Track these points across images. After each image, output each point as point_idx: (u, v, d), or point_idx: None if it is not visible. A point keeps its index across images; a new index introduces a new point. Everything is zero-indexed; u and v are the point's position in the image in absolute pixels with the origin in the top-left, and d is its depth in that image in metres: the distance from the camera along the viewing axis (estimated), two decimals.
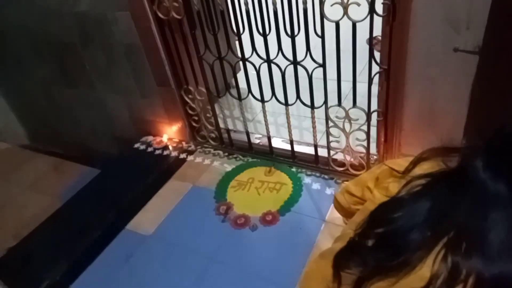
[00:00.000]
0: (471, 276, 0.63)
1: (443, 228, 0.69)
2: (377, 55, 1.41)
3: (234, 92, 1.87)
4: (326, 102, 1.62)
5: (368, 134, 1.60)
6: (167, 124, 2.20)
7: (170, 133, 2.24)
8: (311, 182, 1.81)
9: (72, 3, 1.88)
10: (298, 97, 1.68)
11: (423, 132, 1.48)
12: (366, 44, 1.38)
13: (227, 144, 2.08)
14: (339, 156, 1.76)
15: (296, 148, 1.90)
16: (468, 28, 1.18)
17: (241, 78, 1.83)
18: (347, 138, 1.65)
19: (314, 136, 1.76)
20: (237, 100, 1.88)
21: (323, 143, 1.77)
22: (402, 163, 0.91)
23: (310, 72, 1.54)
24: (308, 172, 1.86)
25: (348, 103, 1.58)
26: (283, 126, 2.03)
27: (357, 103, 1.55)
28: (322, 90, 1.58)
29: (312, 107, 1.68)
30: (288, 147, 1.90)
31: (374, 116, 1.55)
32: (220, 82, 1.90)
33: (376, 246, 0.75)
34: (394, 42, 1.32)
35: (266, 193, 1.79)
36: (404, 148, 1.58)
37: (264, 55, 1.62)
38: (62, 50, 2.15)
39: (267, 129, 1.89)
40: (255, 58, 1.65)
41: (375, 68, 1.42)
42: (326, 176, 1.82)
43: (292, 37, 1.50)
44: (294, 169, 1.90)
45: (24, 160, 2.76)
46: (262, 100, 1.80)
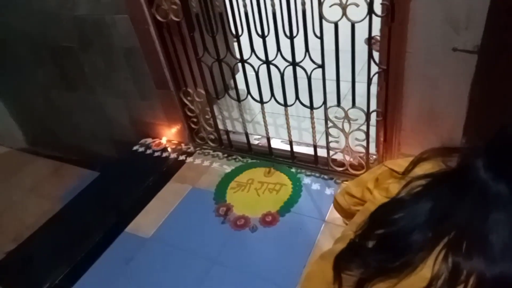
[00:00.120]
0: (472, 277, 0.63)
1: (444, 228, 0.68)
2: (376, 55, 1.41)
3: (233, 93, 1.87)
4: (325, 102, 1.62)
5: (367, 134, 1.60)
6: (166, 126, 2.20)
7: (169, 135, 2.24)
8: (311, 183, 1.81)
9: (71, 6, 1.87)
10: (297, 98, 1.68)
11: (422, 132, 1.48)
12: (365, 44, 1.39)
13: (226, 145, 2.08)
14: (339, 156, 1.76)
15: (296, 148, 1.90)
16: (467, 28, 1.18)
17: (240, 79, 1.83)
18: (347, 138, 1.65)
19: (314, 136, 1.76)
20: (236, 102, 1.88)
21: (323, 143, 1.77)
22: (402, 163, 0.91)
23: (309, 73, 1.54)
24: (308, 173, 1.86)
25: (347, 103, 1.58)
26: (282, 127, 2.03)
27: (356, 103, 1.55)
28: (321, 90, 1.58)
29: (311, 107, 1.68)
30: (287, 147, 1.90)
31: (374, 116, 1.55)
32: (219, 84, 1.90)
33: (377, 247, 0.75)
34: (393, 43, 1.32)
35: (265, 194, 1.79)
36: (404, 148, 1.58)
37: (263, 56, 1.62)
38: (61, 53, 2.15)
39: (266, 130, 1.89)
40: (254, 60, 1.65)
41: (374, 68, 1.42)
42: (325, 176, 1.82)
43: (291, 38, 1.50)
44: (293, 169, 1.89)
45: (24, 164, 2.76)
46: (261, 101, 1.80)
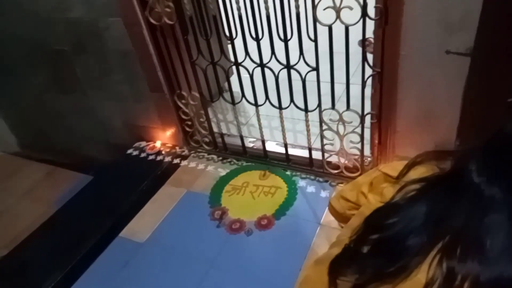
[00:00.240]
0: (466, 281, 0.62)
1: (438, 233, 0.68)
2: (370, 57, 1.41)
3: (228, 96, 1.87)
4: (319, 105, 1.62)
5: (362, 136, 1.60)
6: (161, 130, 2.19)
7: (163, 138, 2.23)
8: (306, 185, 1.81)
9: (64, 10, 1.86)
10: (292, 100, 1.68)
11: (417, 134, 1.48)
12: (359, 46, 1.39)
13: (221, 148, 2.07)
14: (334, 158, 1.76)
15: (291, 151, 1.89)
16: (460, 30, 1.18)
17: (234, 82, 1.82)
18: (341, 140, 1.66)
19: (308, 139, 1.76)
20: (230, 104, 1.88)
21: (317, 146, 1.77)
22: (397, 166, 0.91)
23: (304, 75, 1.55)
24: (303, 175, 1.86)
25: (341, 105, 1.58)
26: (277, 130, 2.03)
27: (350, 106, 1.55)
28: (316, 93, 1.58)
29: (306, 110, 1.68)
30: (282, 150, 1.90)
31: (368, 119, 1.56)
32: (213, 87, 1.89)
33: (372, 252, 0.75)
34: (386, 45, 1.32)
35: (261, 197, 1.79)
36: (398, 150, 1.58)
37: (257, 59, 1.62)
38: (54, 57, 2.13)
39: (261, 132, 1.89)
40: (248, 63, 1.65)
41: (368, 71, 1.43)
42: (320, 179, 1.82)
43: (285, 41, 1.50)
44: (288, 172, 1.89)
45: (17, 168, 2.72)
46: (256, 104, 1.80)
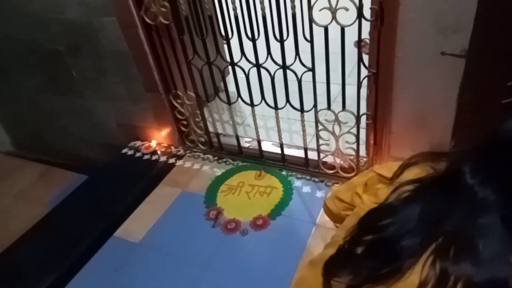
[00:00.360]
0: (459, 282, 0.62)
1: (432, 234, 0.68)
2: (365, 58, 1.42)
3: (223, 96, 1.86)
4: (315, 105, 1.62)
5: (357, 137, 1.61)
6: (156, 129, 2.18)
7: (159, 138, 2.22)
8: (302, 185, 1.81)
9: (58, 10, 1.85)
10: (288, 100, 1.68)
11: (412, 135, 1.49)
12: (355, 47, 1.39)
13: (216, 148, 2.07)
14: (329, 159, 1.76)
15: (286, 151, 1.90)
16: (454, 32, 1.19)
17: (230, 82, 1.82)
18: (337, 141, 1.66)
19: (304, 139, 1.77)
20: (226, 104, 1.88)
21: (313, 146, 1.77)
22: (392, 167, 0.91)
23: (300, 76, 1.55)
24: (299, 175, 1.86)
25: (337, 106, 1.58)
26: (273, 130, 2.03)
27: (346, 106, 1.55)
28: (312, 93, 1.58)
29: (301, 110, 1.68)
30: (278, 150, 1.90)
31: (364, 119, 1.56)
32: (209, 87, 1.89)
33: (366, 254, 0.75)
34: (382, 46, 1.33)
35: (256, 197, 1.79)
36: (394, 151, 1.59)
37: (253, 59, 1.62)
38: (49, 57, 2.12)
39: (257, 132, 1.89)
40: (244, 63, 1.65)
41: (364, 72, 1.43)
42: (316, 179, 1.82)
43: (281, 41, 1.50)
44: (284, 172, 1.89)
45: (11, 168, 2.70)
46: (252, 104, 1.80)
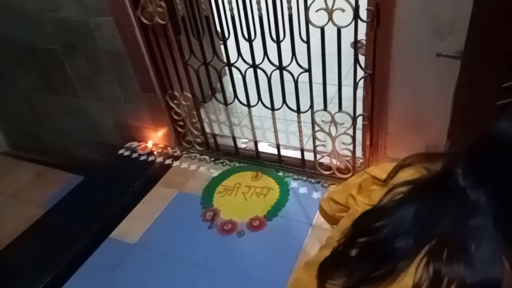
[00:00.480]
0: (452, 284, 0.63)
1: (425, 236, 0.68)
2: (361, 59, 1.42)
3: (220, 97, 1.86)
4: (312, 106, 1.62)
5: (354, 138, 1.61)
6: (152, 130, 2.17)
7: (155, 138, 2.21)
8: (298, 186, 1.81)
9: (53, 9, 1.84)
10: (284, 101, 1.68)
11: (408, 136, 1.49)
12: (351, 48, 1.39)
13: (213, 149, 2.06)
14: (326, 160, 1.76)
15: (283, 152, 1.89)
16: (450, 33, 1.19)
17: (227, 82, 1.82)
18: (333, 142, 1.66)
19: (301, 140, 1.77)
20: (223, 105, 1.87)
21: (310, 147, 1.77)
22: (388, 168, 0.91)
23: (296, 77, 1.55)
24: (295, 176, 1.86)
25: (333, 107, 1.58)
26: (270, 131, 2.03)
27: (342, 107, 1.56)
28: (308, 94, 1.58)
29: (298, 111, 1.68)
30: (274, 151, 1.90)
31: (360, 120, 1.56)
32: (206, 87, 1.89)
33: (360, 256, 0.75)
34: (378, 47, 1.33)
35: (253, 198, 1.78)
36: (390, 152, 1.59)
37: (250, 60, 1.62)
38: (43, 56, 2.11)
39: (254, 133, 1.89)
40: (240, 63, 1.65)
41: (360, 73, 1.43)
42: (312, 180, 1.82)
43: (278, 42, 1.50)
44: (281, 173, 1.89)
45: (6, 168, 2.69)
46: (248, 105, 1.79)
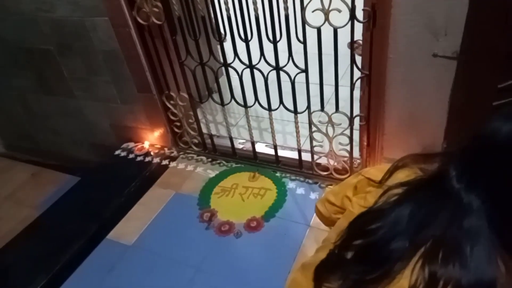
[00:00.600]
0: (449, 285, 0.62)
1: (420, 238, 0.68)
2: (358, 60, 1.42)
3: (217, 97, 1.86)
4: (309, 107, 1.62)
5: (351, 138, 1.61)
6: (149, 130, 2.17)
7: (151, 139, 2.21)
8: (295, 187, 1.80)
9: (48, 9, 1.83)
10: (281, 102, 1.68)
11: (405, 136, 1.49)
12: (348, 48, 1.39)
13: (210, 149, 2.06)
14: (323, 160, 1.76)
15: (280, 153, 1.89)
16: (446, 34, 1.19)
17: (223, 83, 1.81)
18: (331, 142, 1.66)
19: (298, 140, 1.76)
20: (220, 105, 1.87)
21: (307, 147, 1.77)
22: (384, 168, 0.90)
23: (293, 77, 1.54)
24: (292, 177, 1.86)
25: (331, 107, 1.58)
26: (267, 131, 2.03)
27: (339, 108, 1.55)
28: (305, 94, 1.58)
29: (295, 112, 1.68)
30: (272, 152, 1.89)
31: (357, 121, 1.56)
32: (202, 88, 1.88)
33: (355, 258, 0.74)
34: (374, 48, 1.33)
35: (250, 199, 1.78)
36: (387, 152, 1.59)
37: (247, 60, 1.62)
38: (38, 57, 2.10)
39: (251, 134, 1.88)
40: (237, 64, 1.65)
41: (357, 73, 1.43)
42: (310, 181, 1.82)
43: (274, 42, 1.50)
44: (278, 174, 1.89)
45: (1, 169, 2.68)
46: (245, 105, 1.79)
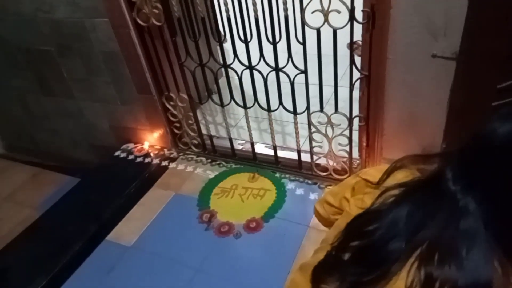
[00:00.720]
0: (445, 287, 0.62)
1: (417, 239, 0.68)
2: (357, 60, 1.42)
3: (216, 98, 1.86)
4: (308, 107, 1.62)
5: (350, 139, 1.61)
6: (149, 131, 2.17)
7: (151, 140, 2.21)
8: (295, 188, 1.81)
9: (48, 10, 1.83)
10: (281, 103, 1.68)
11: (404, 137, 1.50)
12: (347, 49, 1.40)
13: (210, 150, 2.06)
14: (322, 161, 1.76)
15: (280, 153, 1.89)
16: (445, 35, 1.20)
17: (223, 84, 1.82)
18: (330, 143, 1.66)
19: (297, 141, 1.77)
20: (219, 106, 1.87)
21: (306, 148, 1.77)
22: (383, 169, 0.91)
23: (292, 78, 1.55)
24: (292, 178, 1.86)
25: (330, 108, 1.59)
26: (266, 132, 2.03)
27: (339, 108, 1.56)
28: (304, 95, 1.58)
29: (294, 112, 1.68)
30: (271, 152, 1.90)
31: (356, 121, 1.57)
32: (202, 89, 1.88)
33: (353, 259, 0.74)
34: (374, 49, 1.33)
35: (250, 199, 1.78)
36: (386, 153, 1.59)
37: (246, 61, 1.62)
38: (38, 57, 2.10)
39: (250, 135, 1.89)
40: (237, 65, 1.65)
41: (356, 74, 1.43)
42: (309, 181, 1.82)
43: (274, 43, 1.50)
44: (277, 174, 1.89)
45: (1, 170, 2.67)
46: (245, 106, 1.79)
